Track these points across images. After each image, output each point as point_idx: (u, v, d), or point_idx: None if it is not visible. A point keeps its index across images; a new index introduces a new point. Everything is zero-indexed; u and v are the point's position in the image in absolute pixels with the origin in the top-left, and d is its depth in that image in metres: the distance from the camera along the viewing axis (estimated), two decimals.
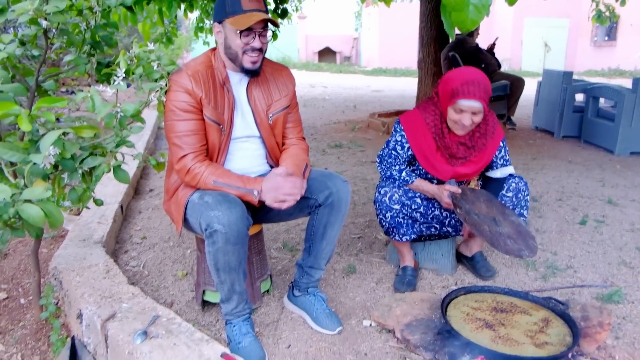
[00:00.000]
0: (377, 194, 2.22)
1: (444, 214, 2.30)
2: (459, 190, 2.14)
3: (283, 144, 2.06)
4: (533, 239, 2.10)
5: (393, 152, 2.25)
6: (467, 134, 2.16)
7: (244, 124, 1.94)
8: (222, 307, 1.89)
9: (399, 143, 2.23)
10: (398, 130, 2.24)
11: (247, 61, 1.83)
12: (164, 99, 1.81)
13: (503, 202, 2.27)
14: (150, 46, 1.76)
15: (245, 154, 1.97)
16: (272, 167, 2.06)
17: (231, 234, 1.68)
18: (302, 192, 1.80)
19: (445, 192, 2.13)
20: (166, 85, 1.80)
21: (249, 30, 1.78)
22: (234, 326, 1.87)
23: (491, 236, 2.00)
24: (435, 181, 2.27)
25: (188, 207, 1.84)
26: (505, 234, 2.04)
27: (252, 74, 1.89)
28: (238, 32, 1.77)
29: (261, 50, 1.84)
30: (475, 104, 2.00)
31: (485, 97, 2.02)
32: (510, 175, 2.31)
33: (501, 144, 2.27)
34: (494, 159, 2.29)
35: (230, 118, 1.88)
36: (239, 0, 1.77)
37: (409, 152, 2.23)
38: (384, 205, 2.19)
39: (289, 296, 2.15)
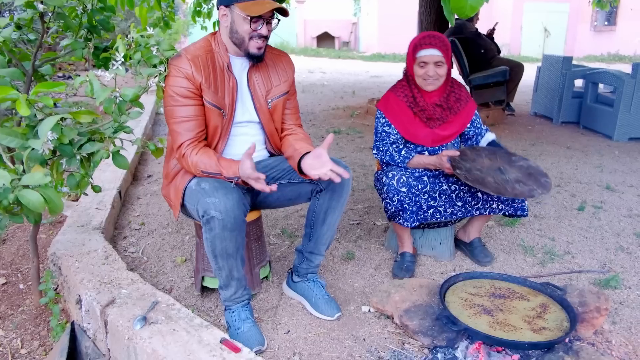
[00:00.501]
0: (384, 178, 2.22)
1: (452, 187, 2.30)
2: (457, 153, 2.19)
3: (282, 130, 2.05)
4: (546, 176, 2.15)
5: (383, 134, 2.32)
6: (442, 96, 2.27)
7: (244, 108, 1.93)
8: (220, 293, 1.90)
9: (385, 124, 2.31)
10: (379, 115, 2.34)
11: (253, 47, 1.83)
12: (163, 85, 1.79)
13: None
14: (150, 30, 1.74)
15: (245, 139, 1.96)
16: (270, 153, 2.05)
17: (228, 221, 1.68)
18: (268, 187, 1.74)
19: (444, 158, 2.17)
20: (165, 70, 1.78)
21: (259, 17, 1.77)
22: (233, 312, 1.88)
23: (497, 186, 2.07)
24: (426, 152, 2.33)
25: (186, 194, 1.84)
26: (512, 180, 2.11)
27: (256, 60, 1.88)
28: (248, 18, 1.76)
29: (266, 37, 1.85)
30: (435, 52, 2.15)
31: (444, 48, 2.16)
32: None
33: (476, 112, 2.40)
34: (478, 127, 2.40)
35: (231, 102, 1.87)
36: None
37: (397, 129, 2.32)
38: (392, 188, 2.19)
39: (288, 282, 2.16)
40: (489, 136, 2.41)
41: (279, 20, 1.87)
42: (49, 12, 1.94)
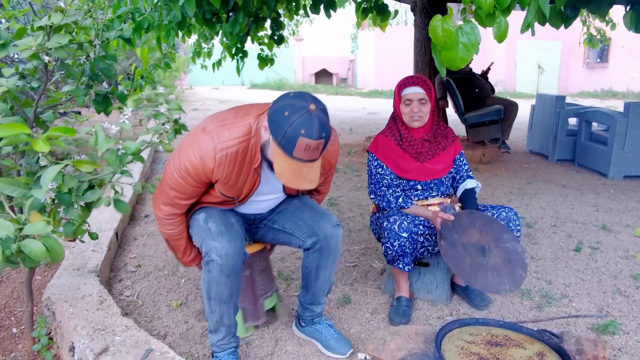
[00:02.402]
0: (386, 223, 2.23)
1: None
2: (452, 218, 2.19)
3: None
4: (524, 267, 2.12)
5: (377, 176, 2.37)
6: (429, 132, 2.38)
7: (274, 193, 1.97)
8: (209, 337, 1.92)
9: (378, 166, 2.38)
10: (371, 158, 2.41)
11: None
12: (166, 141, 1.82)
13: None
14: (160, 89, 1.79)
15: (262, 207, 2.03)
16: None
17: (226, 267, 1.75)
18: None
19: (438, 219, 2.19)
20: (171, 129, 1.80)
21: None
22: (219, 359, 1.90)
23: (469, 272, 2.06)
24: (419, 186, 2.37)
25: (192, 224, 1.91)
26: (489, 266, 2.10)
27: None
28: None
29: None
30: (418, 90, 2.29)
31: (426, 87, 2.30)
32: (501, 206, 2.39)
33: (462, 154, 2.50)
34: (460, 168, 2.47)
35: (248, 193, 1.85)
36: (296, 144, 1.54)
37: (390, 169, 2.39)
38: (393, 233, 2.19)
39: (297, 325, 2.19)
40: (468, 183, 2.42)
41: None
42: (53, 62, 1.99)
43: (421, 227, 2.26)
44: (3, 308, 2.50)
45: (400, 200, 2.30)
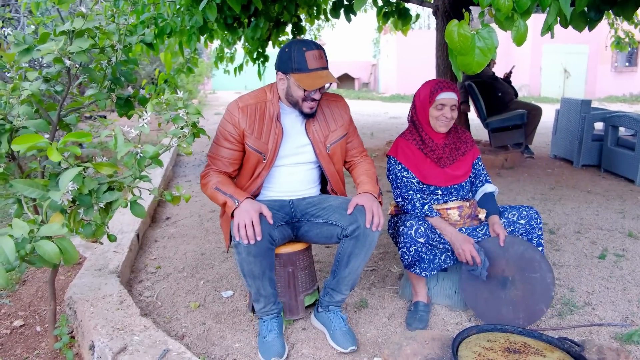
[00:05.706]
0: (402, 227, 2.21)
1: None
2: (478, 259, 2.16)
3: (350, 166, 2.29)
4: (547, 301, 2.16)
5: (404, 179, 2.34)
6: (450, 138, 2.38)
7: (301, 153, 2.14)
8: (254, 305, 2.13)
9: (403, 170, 2.35)
10: (393, 162, 2.38)
11: (306, 107, 2.05)
12: (184, 145, 1.85)
13: (516, 231, 2.29)
14: (179, 94, 1.83)
15: (294, 178, 2.17)
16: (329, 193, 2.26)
17: (252, 247, 1.88)
18: (251, 238, 1.87)
19: (463, 252, 2.17)
20: (189, 133, 1.84)
21: None
22: (264, 322, 2.10)
23: (484, 306, 2.17)
24: (440, 191, 2.36)
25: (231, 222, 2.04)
26: (507, 300, 2.16)
27: (309, 117, 2.10)
28: (302, 88, 1.97)
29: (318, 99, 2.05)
30: (452, 95, 2.28)
31: (457, 92, 2.31)
32: (521, 205, 2.37)
33: (480, 159, 2.48)
34: (478, 173, 2.45)
35: (274, 147, 2.07)
36: (305, 59, 1.93)
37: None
38: (410, 238, 2.17)
39: (315, 312, 2.27)
40: (488, 187, 2.42)
41: (330, 83, 2.02)
42: (76, 66, 2.04)
43: (437, 234, 2.24)
44: (28, 307, 2.56)
45: (426, 207, 2.29)
